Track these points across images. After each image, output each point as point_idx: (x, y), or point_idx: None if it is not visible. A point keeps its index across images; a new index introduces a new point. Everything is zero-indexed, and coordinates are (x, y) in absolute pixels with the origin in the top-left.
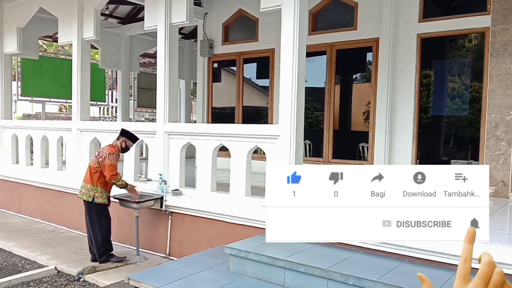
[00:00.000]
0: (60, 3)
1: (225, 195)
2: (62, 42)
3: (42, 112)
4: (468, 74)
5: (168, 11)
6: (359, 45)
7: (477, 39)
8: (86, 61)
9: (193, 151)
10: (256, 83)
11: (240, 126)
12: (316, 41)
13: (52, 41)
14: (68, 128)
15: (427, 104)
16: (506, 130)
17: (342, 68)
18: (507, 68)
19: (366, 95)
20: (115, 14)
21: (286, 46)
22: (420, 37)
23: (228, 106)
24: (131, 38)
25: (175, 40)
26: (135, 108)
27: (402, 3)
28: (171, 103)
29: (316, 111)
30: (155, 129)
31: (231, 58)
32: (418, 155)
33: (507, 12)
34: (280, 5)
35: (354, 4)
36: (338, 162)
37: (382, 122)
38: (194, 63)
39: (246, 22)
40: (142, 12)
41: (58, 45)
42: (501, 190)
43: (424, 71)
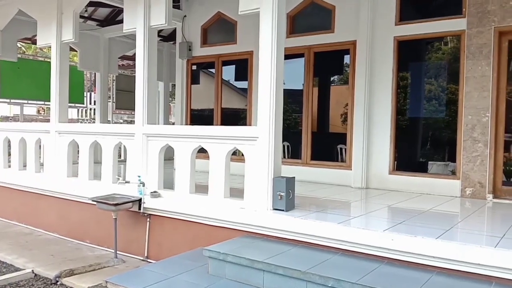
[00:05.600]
0: (39, 6)
1: (204, 197)
2: (41, 44)
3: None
4: (445, 76)
5: (147, 14)
6: (336, 47)
7: (453, 42)
8: (64, 63)
9: (171, 153)
10: (234, 85)
11: (218, 128)
12: (294, 44)
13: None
14: (46, 130)
15: (404, 106)
16: (483, 132)
17: (320, 71)
18: (483, 70)
19: (343, 97)
20: (94, 17)
21: (264, 49)
22: (397, 40)
23: (207, 108)
24: (110, 40)
25: (154, 43)
26: (113, 110)
27: (378, 7)
28: (149, 105)
29: (294, 113)
30: (134, 131)
31: (209, 61)
32: (396, 157)
33: (482, 15)
34: (259, 8)
35: (332, 7)
36: (316, 164)
37: (360, 124)
38: (173, 65)
39: (224, 24)
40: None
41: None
42: (479, 191)
43: (401, 73)
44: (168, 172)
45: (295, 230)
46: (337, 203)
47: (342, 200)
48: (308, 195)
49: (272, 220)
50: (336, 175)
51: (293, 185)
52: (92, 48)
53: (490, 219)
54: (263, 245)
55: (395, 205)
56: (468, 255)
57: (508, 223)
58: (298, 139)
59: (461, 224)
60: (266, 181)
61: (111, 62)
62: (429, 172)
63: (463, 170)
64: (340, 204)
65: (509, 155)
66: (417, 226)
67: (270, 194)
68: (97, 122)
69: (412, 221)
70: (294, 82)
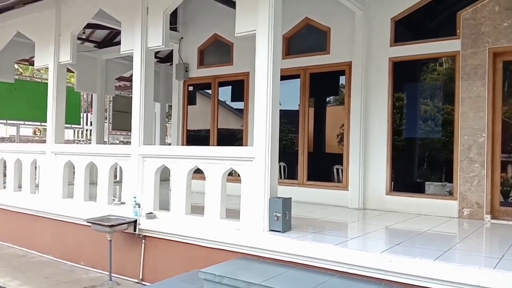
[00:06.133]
0: (37, 28)
1: (199, 218)
2: (38, 66)
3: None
4: (440, 96)
5: (145, 36)
6: (332, 68)
7: (448, 63)
8: (61, 84)
9: (167, 174)
10: (231, 105)
11: (215, 148)
12: (290, 65)
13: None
14: (42, 151)
15: (401, 127)
16: (479, 152)
17: (315, 91)
18: (478, 91)
19: (340, 117)
20: (92, 38)
21: (260, 70)
22: (392, 61)
23: (203, 129)
24: (107, 62)
25: (151, 64)
26: (110, 131)
27: (373, 28)
28: (146, 125)
29: (290, 133)
30: (130, 152)
31: (206, 82)
32: (393, 177)
33: (476, 37)
34: (255, 30)
35: (327, 29)
36: (313, 184)
37: (356, 144)
38: (169, 86)
39: (221, 46)
40: (119, 36)
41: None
42: (476, 212)
43: (396, 94)
44: (164, 193)
45: (292, 252)
46: (334, 224)
47: (339, 221)
48: (305, 216)
49: (268, 242)
50: (333, 196)
51: (289, 206)
52: (89, 69)
53: (489, 240)
54: (259, 267)
55: (393, 226)
56: (467, 276)
57: (507, 244)
58: (295, 159)
59: (459, 245)
60: (262, 202)
61: (108, 83)
62: (426, 192)
63: (460, 191)
64: (337, 225)
65: (506, 176)
66: (415, 248)
67: (267, 215)
68: (93, 143)
69: (410, 242)
70: (290, 103)
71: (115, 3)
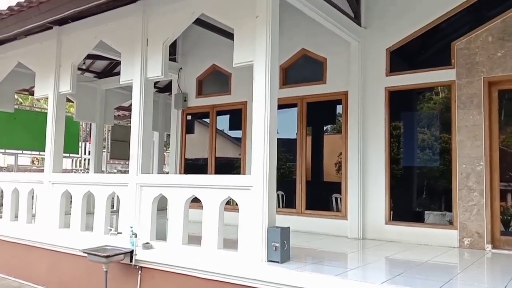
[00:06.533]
0: (38, 58)
1: (197, 248)
2: (38, 96)
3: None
4: (437, 125)
5: (144, 66)
6: (328, 98)
7: (444, 92)
8: (61, 114)
9: (164, 203)
10: (229, 134)
11: (212, 176)
12: (287, 94)
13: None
14: (40, 180)
15: (398, 155)
16: (478, 181)
17: (313, 120)
18: (474, 119)
19: (337, 146)
20: (91, 69)
21: (258, 99)
22: (388, 90)
23: (201, 157)
24: (107, 92)
25: (150, 94)
26: (108, 160)
27: (369, 58)
28: (144, 154)
29: (288, 162)
30: (127, 181)
31: (204, 111)
32: (392, 206)
33: (471, 66)
34: (252, 60)
35: (323, 59)
36: (311, 214)
37: (354, 173)
38: (168, 115)
39: (219, 76)
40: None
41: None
42: (477, 242)
43: (393, 122)
44: (161, 222)
45: (291, 283)
46: (334, 255)
47: (338, 251)
48: (304, 246)
49: (266, 273)
50: (331, 225)
51: (288, 236)
52: (88, 99)
53: (490, 270)
54: None
55: (393, 256)
56: None
57: (509, 275)
58: (293, 188)
59: (460, 275)
60: (260, 231)
61: (107, 112)
62: (426, 222)
63: (460, 220)
64: (337, 255)
65: (506, 205)
66: (416, 278)
67: (265, 245)
68: (91, 172)
69: (410, 273)
70: (288, 131)
71: (116, 34)
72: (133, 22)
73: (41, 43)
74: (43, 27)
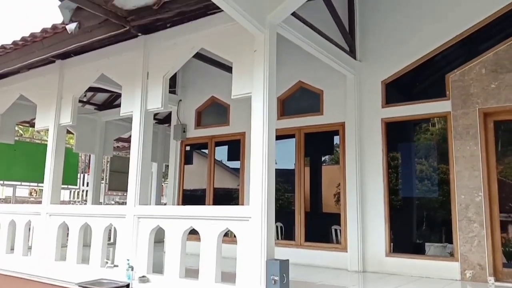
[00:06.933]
0: (40, 91)
1: (194, 282)
2: (39, 127)
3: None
4: (435, 156)
5: (144, 98)
6: (326, 128)
7: (440, 123)
8: (61, 146)
9: (161, 235)
10: (227, 165)
11: (210, 207)
12: (285, 125)
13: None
14: (37, 212)
15: (397, 186)
16: (477, 212)
17: (311, 151)
18: (471, 150)
19: (335, 176)
20: (92, 101)
21: (256, 130)
22: (385, 122)
23: (199, 188)
24: (107, 123)
25: (149, 125)
26: (106, 191)
27: (365, 90)
28: (142, 186)
29: (287, 193)
30: (125, 212)
31: (203, 142)
32: (392, 238)
33: (466, 98)
34: (250, 92)
35: (319, 91)
36: (311, 246)
37: (353, 204)
38: (167, 146)
39: (218, 107)
40: (119, 99)
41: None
42: (479, 274)
43: (391, 153)
44: (158, 255)
45: None
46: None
47: (339, 285)
48: (303, 280)
49: None
50: (331, 258)
51: (287, 268)
52: (88, 131)
53: None
54: None
55: None
56: None
57: None
58: (291, 219)
59: None
60: (259, 264)
61: (106, 144)
62: (427, 254)
63: (461, 252)
64: None
65: (507, 236)
66: None
67: (264, 278)
68: (88, 204)
69: None
70: (286, 162)
71: (117, 68)
72: (134, 56)
73: (43, 76)
74: (46, 60)
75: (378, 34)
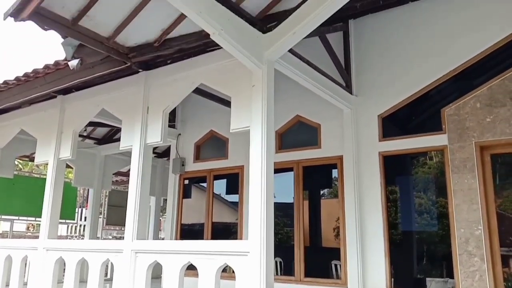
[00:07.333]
0: (41, 126)
1: None
2: (38, 162)
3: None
4: (433, 189)
5: (144, 133)
6: (324, 162)
7: (438, 156)
8: (60, 180)
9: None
10: (225, 199)
11: (208, 242)
12: (283, 159)
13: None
14: (34, 247)
15: (396, 220)
16: (478, 245)
17: (309, 184)
18: (469, 183)
19: (334, 210)
20: (92, 136)
21: (254, 163)
22: (382, 155)
23: (198, 223)
24: (106, 157)
25: (148, 159)
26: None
27: (361, 124)
28: (140, 220)
29: (286, 227)
30: (122, 247)
31: (201, 175)
32: (392, 273)
33: (462, 131)
34: (249, 126)
35: (317, 125)
36: (311, 281)
37: (353, 238)
38: (165, 180)
39: (217, 141)
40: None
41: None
42: None
43: (389, 187)
44: None
45: None
46: None
47: None
48: None
49: None
50: None
51: None
52: (88, 165)
53: None
54: None
55: None
56: None
57: None
58: (291, 254)
59: None
60: None
61: (105, 178)
62: None
63: (463, 287)
64: None
65: (509, 270)
66: None
67: None
68: (86, 238)
69: None
70: (285, 195)
71: (117, 103)
72: (135, 91)
73: (44, 111)
74: (47, 96)
75: (373, 69)
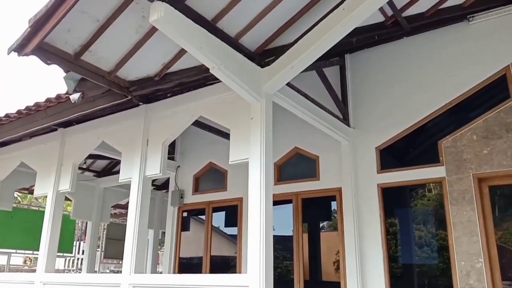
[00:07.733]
0: (41, 158)
1: None
2: (37, 194)
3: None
4: (433, 222)
5: (143, 165)
6: (323, 194)
7: (436, 188)
8: (58, 213)
9: None
10: (224, 231)
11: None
12: (282, 190)
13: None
14: (31, 281)
15: (396, 253)
16: (479, 278)
17: (308, 216)
18: (468, 215)
19: (334, 243)
20: (92, 168)
21: (253, 195)
22: (381, 187)
23: (196, 256)
24: (105, 190)
25: (147, 191)
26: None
27: (359, 156)
28: (138, 253)
29: (285, 260)
30: (120, 281)
31: (200, 207)
32: None
33: (459, 163)
34: (248, 158)
35: (315, 157)
36: None
37: (353, 272)
38: (164, 212)
39: (215, 173)
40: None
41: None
42: None
43: (389, 219)
44: None
45: None
46: None
47: None
48: None
49: None
50: None
51: None
52: (86, 198)
53: None
54: None
55: None
56: None
57: None
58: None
59: None
60: None
61: (104, 211)
62: None
63: None
64: None
65: None
66: None
67: None
68: (83, 272)
69: None
70: (284, 228)
71: (117, 135)
72: (135, 124)
73: (45, 144)
74: (48, 129)
75: (370, 102)
